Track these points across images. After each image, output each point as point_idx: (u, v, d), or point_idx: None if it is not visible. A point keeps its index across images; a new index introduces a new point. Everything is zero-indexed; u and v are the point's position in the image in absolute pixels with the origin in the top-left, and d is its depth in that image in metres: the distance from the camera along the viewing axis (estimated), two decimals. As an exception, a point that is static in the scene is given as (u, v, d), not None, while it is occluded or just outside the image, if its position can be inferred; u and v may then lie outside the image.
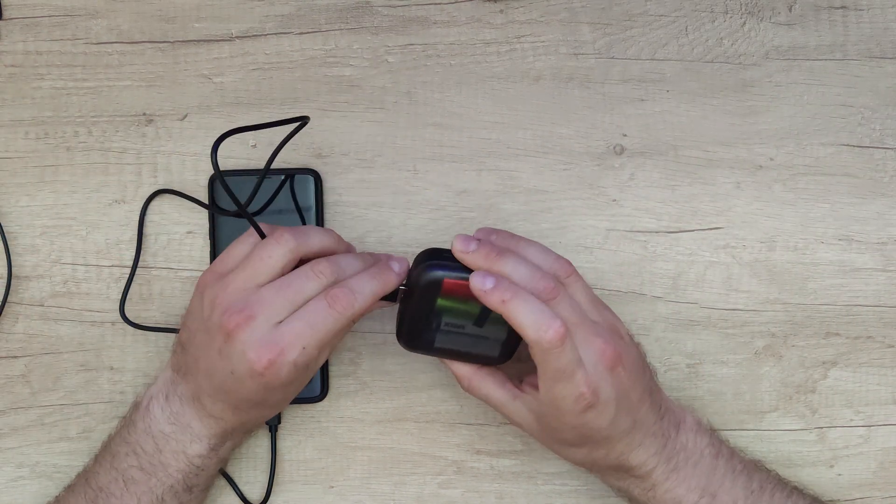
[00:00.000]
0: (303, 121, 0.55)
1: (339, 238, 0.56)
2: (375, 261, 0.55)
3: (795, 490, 0.58)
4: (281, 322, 0.51)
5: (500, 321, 0.53)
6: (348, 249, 0.57)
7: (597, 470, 0.57)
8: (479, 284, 0.51)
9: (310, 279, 0.52)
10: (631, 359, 0.54)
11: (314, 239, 0.54)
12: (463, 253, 0.53)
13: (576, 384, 0.51)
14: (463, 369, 0.56)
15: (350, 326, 0.54)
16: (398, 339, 0.57)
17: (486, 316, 0.54)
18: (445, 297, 0.54)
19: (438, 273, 0.53)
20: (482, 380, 0.56)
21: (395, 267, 0.55)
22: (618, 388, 0.53)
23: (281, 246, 0.53)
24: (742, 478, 0.56)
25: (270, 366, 0.51)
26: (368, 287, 0.53)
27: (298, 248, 0.53)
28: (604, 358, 0.52)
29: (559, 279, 0.54)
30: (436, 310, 0.54)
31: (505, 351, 0.56)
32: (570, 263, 0.55)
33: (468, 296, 0.52)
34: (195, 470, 0.57)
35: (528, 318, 0.51)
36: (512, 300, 0.51)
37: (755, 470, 0.57)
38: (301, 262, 0.54)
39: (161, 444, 0.56)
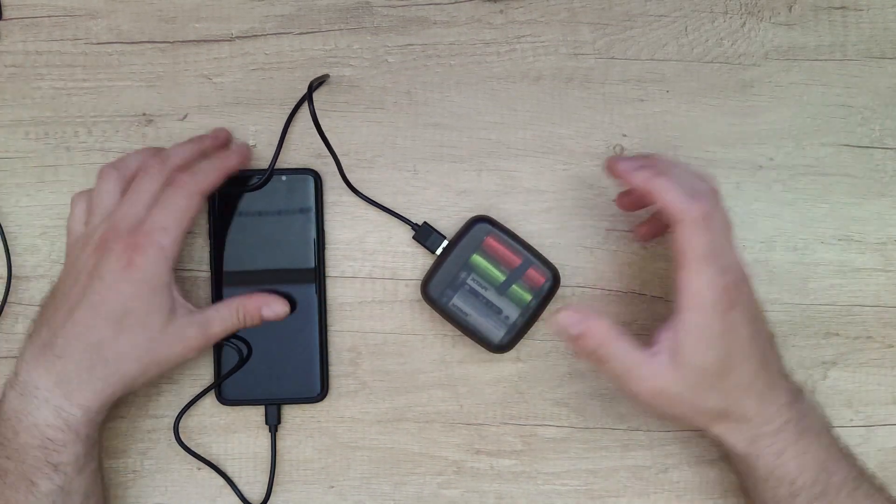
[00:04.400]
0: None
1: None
2: (213, 140, 0.60)
3: (883, 488, 0.56)
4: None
5: (520, 298, 0.59)
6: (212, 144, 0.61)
7: (736, 424, 0.53)
8: (629, 165, 0.52)
9: (145, 181, 0.56)
10: (753, 290, 0.53)
11: (127, 160, 0.58)
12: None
13: (715, 272, 0.50)
14: (602, 328, 0.51)
15: (200, 204, 0.56)
16: (422, 290, 0.60)
17: (509, 284, 0.59)
18: (482, 253, 0.59)
19: (486, 226, 0.59)
20: (617, 340, 0.52)
21: (235, 148, 0.60)
22: (748, 305, 0.52)
23: (102, 181, 0.57)
24: (849, 462, 0.54)
25: (137, 248, 0.53)
26: (210, 166, 0.57)
27: (116, 172, 0.57)
28: (737, 271, 0.52)
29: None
30: (468, 264, 0.59)
31: (507, 338, 0.59)
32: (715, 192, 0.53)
33: (501, 259, 0.59)
34: (53, 445, 0.52)
35: (675, 192, 0.50)
36: (663, 175, 0.51)
37: (856, 457, 0.55)
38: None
39: (16, 425, 0.52)
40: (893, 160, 0.64)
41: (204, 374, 0.63)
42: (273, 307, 0.59)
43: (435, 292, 0.59)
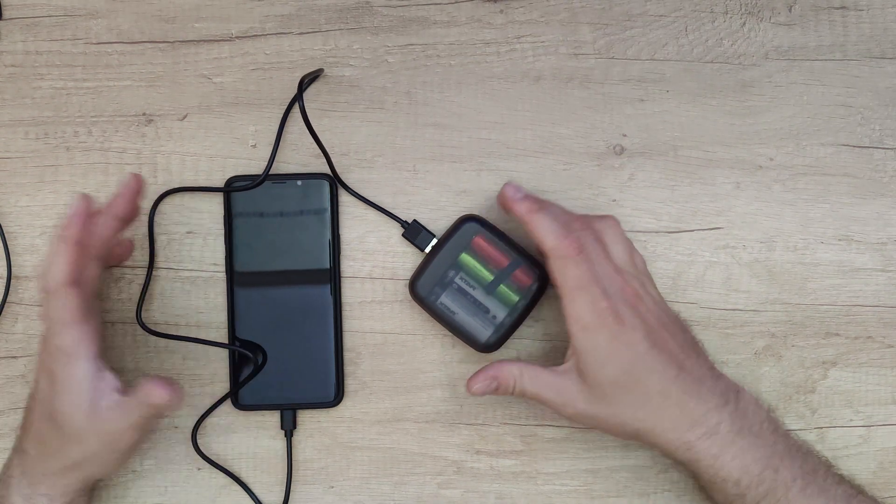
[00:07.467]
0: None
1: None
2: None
3: (844, 479, 0.56)
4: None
5: (508, 298, 0.59)
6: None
7: (661, 433, 0.54)
8: (511, 193, 0.57)
9: None
10: (654, 304, 0.56)
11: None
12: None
13: (594, 296, 0.54)
14: (511, 369, 0.56)
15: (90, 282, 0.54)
16: (410, 288, 0.60)
17: (497, 284, 0.59)
18: (470, 252, 0.59)
19: (475, 225, 0.60)
20: (533, 376, 0.56)
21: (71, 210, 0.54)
22: (643, 320, 0.54)
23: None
24: (798, 457, 0.54)
25: (51, 359, 0.53)
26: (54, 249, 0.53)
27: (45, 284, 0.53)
28: (623, 292, 0.55)
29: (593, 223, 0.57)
30: (456, 263, 0.59)
31: (494, 337, 0.59)
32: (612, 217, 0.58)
33: (490, 259, 0.59)
34: None
35: (550, 228, 0.55)
36: (539, 211, 0.55)
37: (809, 452, 0.56)
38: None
39: None
40: (893, 160, 0.64)
41: (203, 373, 0.63)
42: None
43: (423, 290, 0.60)
